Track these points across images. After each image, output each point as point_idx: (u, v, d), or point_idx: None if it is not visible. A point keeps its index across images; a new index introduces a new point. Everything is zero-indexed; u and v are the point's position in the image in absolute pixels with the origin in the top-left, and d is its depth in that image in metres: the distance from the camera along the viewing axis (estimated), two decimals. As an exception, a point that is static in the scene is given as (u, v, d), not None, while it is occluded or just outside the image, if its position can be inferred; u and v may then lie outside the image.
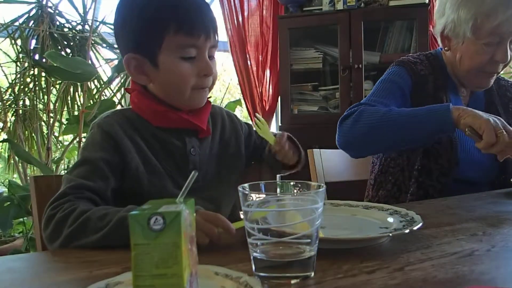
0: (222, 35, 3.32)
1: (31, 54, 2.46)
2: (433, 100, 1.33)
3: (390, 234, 0.70)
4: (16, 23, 2.51)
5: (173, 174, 0.98)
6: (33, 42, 2.52)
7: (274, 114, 3.34)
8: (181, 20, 0.91)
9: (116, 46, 2.40)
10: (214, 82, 1.01)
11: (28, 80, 2.52)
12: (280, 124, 3.07)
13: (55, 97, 2.58)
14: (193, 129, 1.02)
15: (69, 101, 2.60)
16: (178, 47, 0.93)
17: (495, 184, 1.31)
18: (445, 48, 1.40)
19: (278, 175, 1.26)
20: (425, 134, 1.21)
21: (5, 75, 2.51)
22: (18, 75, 2.48)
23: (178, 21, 0.91)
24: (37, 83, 2.51)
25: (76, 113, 2.52)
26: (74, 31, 2.63)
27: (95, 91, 2.64)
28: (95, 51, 2.62)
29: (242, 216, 0.57)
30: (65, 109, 2.59)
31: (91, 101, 2.53)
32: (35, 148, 2.54)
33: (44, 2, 2.55)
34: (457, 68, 1.37)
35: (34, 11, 2.55)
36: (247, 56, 3.28)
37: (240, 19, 3.25)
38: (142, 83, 0.98)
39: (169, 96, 0.98)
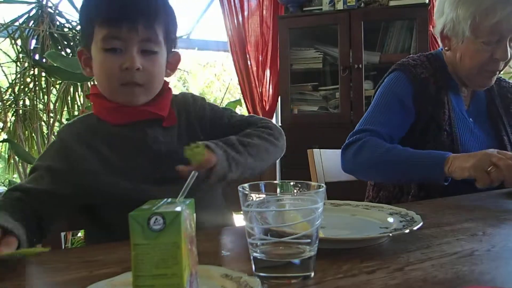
0: (222, 35, 3.32)
1: (31, 54, 2.46)
2: (435, 102, 1.33)
3: (390, 234, 0.70)
4: (16, 23, 2.50)
5: (143, 170, 0.96)
6: (33, 42, 2.51)
7: (274, 114, 3.34)
8: (106, 11, 0.92)
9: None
10: (150, 80, 0.96)
11: (28, 80, 2.51)
12: (280, 124, 3.07)
13: (55, 97, 2.57)
14: (156, 119, 0.99)
15: (69, 101, 2.59)
16: (102, 39, 0.93)
17: (498, 186, 1.31)
18: (445, 48, 1.40)
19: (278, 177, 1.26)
20: (417, 179, 1.25)
21: (5, 75, 2.51)
22: (18, 75, 2.48)
23: (104, 12, 0.92)
24: (37, 83, 2.50)
25: (76, 113, 2.52)
26: (74, 31, 2.63)
27: (95, 91, 2.63)
28: (95, 51, 2.62)
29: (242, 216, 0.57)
30: (65, 109, 2.59)
31: (91, 101, 2.53)
32: (35, 148, 2.54)
33: (44, 2, 2.55)
34: (458, 67, 1.37)
35: (34, 11, 2.54)
36: (247, 56, 3.28)
37: (240, 19, 3.25)
38: (86, 75, 1.02)
39: (104, 91, 0.98)
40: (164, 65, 1.01)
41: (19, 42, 2.47)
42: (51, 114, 2.53)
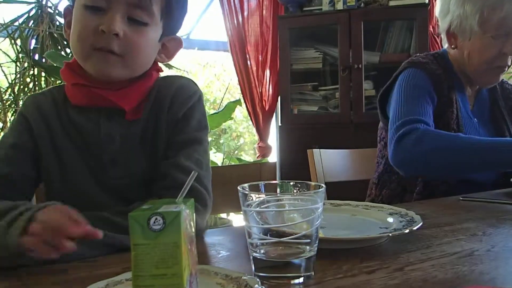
0: (222, 35, 3.32)
1: (31, 54, 2.46)
2: (446, 100, 1.32)
3: (390, 234, 0.70)
4: (16, 23, 2.51)
5: (91, 165, 0.85)
6: (33, 42, 2.52)
7: (274, 114, 3.34)
8: None
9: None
10: (131, 51, 0.81)
11: (28, 80, 2.51)
12: (280, 124, 3.07)
13: (55, 97, 2.57)
14: (119, 110, 0.85)
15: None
16: None
17: (499, 185, 1.30)
18: (452, 46, 1.39)
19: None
20: (496, 165, 1.19)
21: (5, 75, 2.51)
22: (18, 75, 2.48)
23: None
24: (37, 83, 2.51)
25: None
26: (74, 31, 2.63)
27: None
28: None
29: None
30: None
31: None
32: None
33: (44, 2, 2.55)
34: (466, 65, 1.36)
35: (34, 11, 2.55)
36: (247, 56, 3.27)
37: (240, 19, 3.25)
38: (66, 37, 0.89)
39: (76, 56, 0.84)
40: (155, 43, 0.87)
41: (19, 42, 2.48)
42: (51, 114, 2.52)
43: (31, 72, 2.49)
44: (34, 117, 0.86)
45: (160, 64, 0.95)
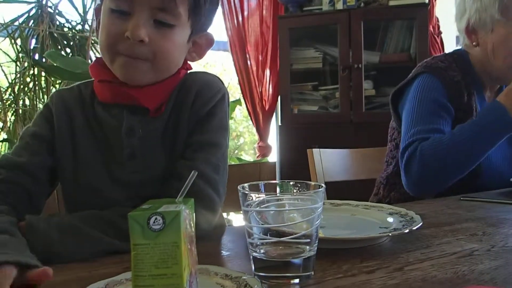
0: (222, 35, 3.32)
1: (31, 54, 2.46)
2: (466, 108, 1.28)
3: (390, 234, 0.70)
4: (16, 23, 2.51)
5: (107, 160, 0.84)
6: (33, 41, 2.52)
7: (274, 114, 3.34)
8: None
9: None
10: (159, 56, 0.81)
11: (28, 79, 2.51)
12: (280, 124, 3.07)
13: (55, 97, 2.57)
14: (142, 106, 0.84)
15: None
16: None
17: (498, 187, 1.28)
18: (473, 44, 1.34)
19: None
20: (493, 141, 1.18)
21: (5, 75, 2.51)
22: (18, 75, 2.48)
23: None
24: (37, 82, 2.51)
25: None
26: (74, 31, 2.63)
27: (95, 91, 2.63)
28: (95, 51, 2.62)
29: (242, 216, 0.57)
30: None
31: (91, 100, 2.53)
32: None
33: (44, 2, 2.55)
34: (491, 62, 1.31)
35: (34, 11, 2.55)
36: (247, 56, 3.28)
37: (240, 19, 3.25)
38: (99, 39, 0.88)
39: (106, 61, 0.84)
40: (183, 45, 0.86)
41: (19, 41, 2.48)
42: (51, 114, 2.52)
43: (31, 72, 2.49)
44: (58, 109, 0.87)
45: None
